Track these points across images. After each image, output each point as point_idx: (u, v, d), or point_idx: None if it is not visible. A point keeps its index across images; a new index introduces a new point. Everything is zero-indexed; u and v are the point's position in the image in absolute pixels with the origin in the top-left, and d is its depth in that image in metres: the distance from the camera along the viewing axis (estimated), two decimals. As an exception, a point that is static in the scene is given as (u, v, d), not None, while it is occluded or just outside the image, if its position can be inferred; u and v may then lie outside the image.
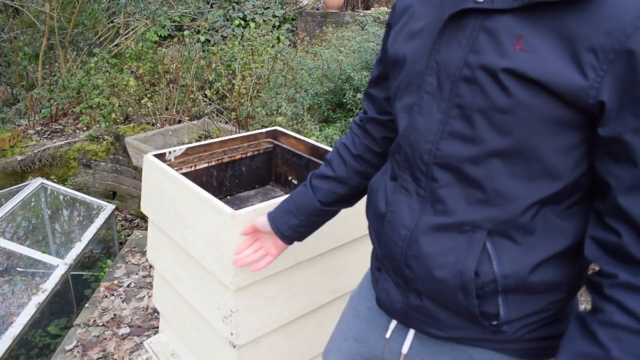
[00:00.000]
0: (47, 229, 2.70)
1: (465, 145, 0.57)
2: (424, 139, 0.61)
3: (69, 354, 1.72)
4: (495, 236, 0.58)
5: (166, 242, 1.29)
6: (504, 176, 0.55)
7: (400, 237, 0.64)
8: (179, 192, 1.15)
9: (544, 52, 0.51)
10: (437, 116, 0.59)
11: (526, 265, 0.58)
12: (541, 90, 0.51)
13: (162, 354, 1.45)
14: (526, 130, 0.53)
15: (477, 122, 0.55)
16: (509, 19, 0.53)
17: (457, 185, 0.59)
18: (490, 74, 0.54)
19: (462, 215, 0.59)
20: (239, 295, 1.05)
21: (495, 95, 0.53)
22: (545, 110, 0.52)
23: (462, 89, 0.57)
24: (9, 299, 2.13)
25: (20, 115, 3.78)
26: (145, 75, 3.43)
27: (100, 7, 4.15)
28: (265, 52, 3.29)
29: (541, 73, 0.51)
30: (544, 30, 0.51)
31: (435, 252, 0.61)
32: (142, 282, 2.14)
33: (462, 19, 0.57)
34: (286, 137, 1.51)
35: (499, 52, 0.53)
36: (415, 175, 0.63)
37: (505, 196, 0.56)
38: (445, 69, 0.59)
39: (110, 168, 3.32)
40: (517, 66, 0.52)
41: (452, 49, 0.58)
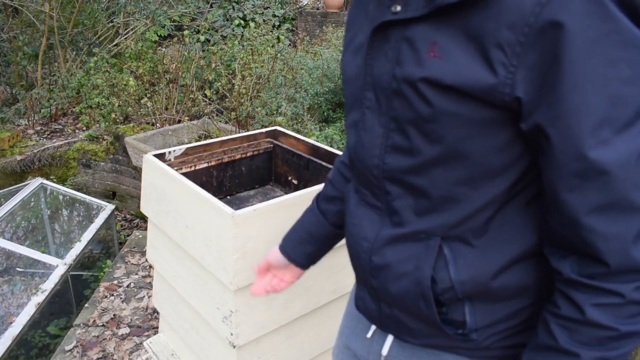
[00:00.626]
0: (47, 229, 2.69)
1: (406, 157, 0.57)
2: (370, 154, 0.61)
3: (69, 354, 1.72)
4: (452, 242, 0.58)
5: (166, 242, 1.28)
6: (446, 183, 0.55)
7: (363, 250, 0.65)
8: (178, 192, 1.15)
9: (456, 56, 0.50)
10: (379, 131, 0.60)
11: (486, 270, 0.57)
12: (458, 94, 0.51)
13: (162, 354, 1.45)
14: (455, 136, 0.53)
15: (411, 134, 0.56)
16: (424, 26, 0.53)
17: (407, 196, 0.59)
18: (411, 85, 0.54)
19: (415, 224, 0.59)
20: (239, 296, 1.05)
21: (419, 106, 0.54)
22: (468, 113, 0.51)
23: (394, 102, 0.57)
24: (9, 299, 2.13)
25: (19, 115, 3.78)
26: (145, 75, 3.43)
27: (99, 7, 4.15)
28: (265, 51, 3.28)
29: (454, 78, 0.50)
30: (455, 33, 0.51)
31: (396, 261, 0.61)
32: (142, 282, 2.14)
33: (387, 31, 0.57)
34: (286, 137, 1.50)
35: (417, 61, 0.53)
36: (372, 189, 0.64)
37: (452, 202, 0.56)
38: (378, 83, 0.59)
39: (109, 168, 3.31)
40: (432, 74, 0.51)
41: (382, 63, 0.58)
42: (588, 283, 0.49)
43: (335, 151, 1.36)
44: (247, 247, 1.03)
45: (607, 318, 0.49)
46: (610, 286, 0.48)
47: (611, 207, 0.47)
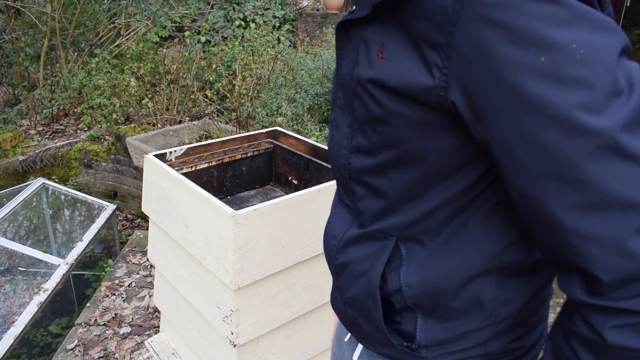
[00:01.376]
0: (49, 229, 2.71)
1: (366, 157, 0.57)
2: (339, 154, 0.61)
3: (70, 353, 1.73)
4: (408, 242, 0.56)
5: (167, 242, 1.29)
6: (402, 183, 0.54)
7: (331, 247, 0.65)
8: (179, 192, 1.16)
9: (399, 57, 0.49)
10: (346, 131, 0.60)
11: (436, 277, 0.54)
12: (402, 96, 0.50)
13: (163, 353, 1.46)
14: (406, 137, 0.51)
15: (369, 134, 0.55)
16: (375, 27, 0.52)
17: (369, 196, 0.58)
18: (363, 85, 0.53)
19: (375, 224, 0.58)
20: (239, 295, 1.06)
21: (371, 107, 0.53)
22: (413, 115, 0.50)
23: (355, 103, 0.56)
24: (11, 299, 2.14)
25: (21, 116, 3.79)
26: (146, 75, 3.44)
27: (101, 8, 4.16)
28: (266, 52, 3.29)
29: (396, 79, 0.49)
30: (398, 34, 0.50)
31: (356, 260, 0.61)
32: (143, 281, 2.15)
33: (350, 32, 0.57)
34: (286, 137, 1.51)
35: (368, 62, 0.53)
36: (344, 189, 0.63)
37: (408, 202, 0.55)
38: (343, 83, 0.59)
39: (111, 168, 3.33)
40: (378, 75, 0.51)
41: (346, 62, 0.58)
42: (600, 304, 0.42)
43: (334, 152, 1.37)
44: (248, 247, 1.03)
45: (632, 340, 0.41)
46: (622, 304, 0.41)
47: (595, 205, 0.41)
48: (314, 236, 1.15)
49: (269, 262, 1.08)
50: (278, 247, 1.08)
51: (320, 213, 1.14)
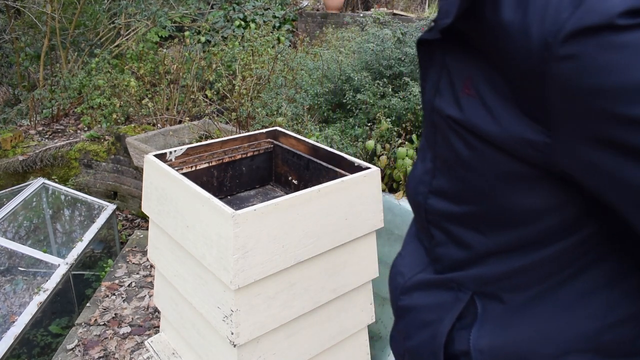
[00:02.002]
0: (49, 229, 2.71)
1: (447, 202, 0.49)
2: (416, 190, 0.54)
3: (70, 353, 1.73)
4: (485, 299, 0.48)
5: (167, 242, 1.29)
6: (489, 239, 0.46)
7: (397, 286, 0.59)
8: (179, 192, 1.16)
9: (489, 99, 0.40)
10: (428, 166, 0.51)
11: (513, 344, 0.46)
12: (493, 144, 0.41)
13: (163, 353, 1.46)
14: (493, 188, 0.43)
15: (453, 177, 0.47)
16: (458, 54, 0.44)
17: (450, 244, 0.51)
18: (445, 120, 0.45)
19: (451, 275, 0.51)
20: (240, 295, 1.06)
21: (457, 146, 0.45)
22: (505, 165, 0.41)
23: (437, 136, 0.48)
24: (11, 299, 2.14)
25: (21, 116, 3.79)
26: (146, 75, 3.44)
27: (101, 8, 4.16)
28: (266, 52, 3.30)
29: (487, 126, 0.40)
30: (483, 68, 0.41)
31: (422, 306, 0.54)
32: (143, 281, 2.15)
33: (432, 53, 0.48)
34: (286, 137, 1.51)
35: (453, 97, 0.44)
36: (422, 227, 0.56)
37: (495, 256, 0.47)
38: (425, 110, 0.51)
39: (111, 168, 3.33)
40: (465, 117, 0.42)
41: (429, 87, 0.49)
42: None
43: (335, 151, 1.37)
44: (248, 247, 1.03)
45: None
46: None
47: None
48: (313, 236, 1.15)
49: (269, 262, 1.08)
50: (278, 247, 1.08)
51: (321, 213, 1.14)
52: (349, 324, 1.32)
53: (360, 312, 1.34)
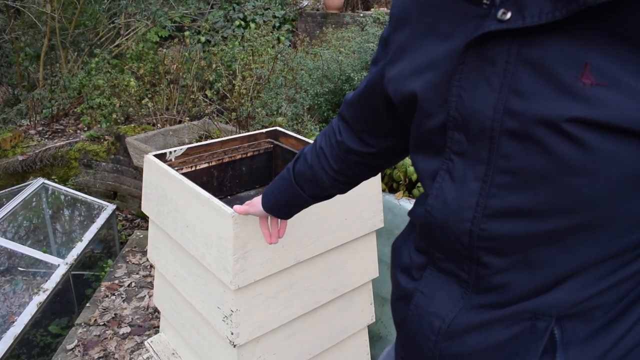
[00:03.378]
0: (48, 229, 2.70)
1: (524, 222, 0.42)
2: (458, 218, 0.46)
3: (70, 353, 1.73)
4: (568, 321, 0.44)
5: (167, 242, 1.29)
6: (584, 255, 0.41)
7: (434, 330, 0.50)
8: (179, 192, 1.16)
9: (626, 82, 0.35)
10: (474, 186, 0.44)
11: (603, 356, 0.43)
12: (634, 138, 0.36)
13: (163, 353, 1.46)
14: (613, 193, 0.38)
15: (539, 190, 0.40)
16: (560, 40, 0.37)
17: (517, 270, 0.44)
18: (551, 125, 0.38)
19: (522, 304, 0.45)
20: (239, 295, 1.06)
21: (562, 152, 0.38)
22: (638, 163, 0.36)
23: (507, 147, 0.41)
24: (11, 299, 2.14)
25: (21, 116, 3.79)
26: (145, 75, 3.44)
27: (101, 8, 4.16)
28: (266, 52, 3.30)
29: (634, 116, 0.35)
30: (615, 48, 0.35)
31: (484, 349, 0.47)
32: (143, 281, 2.15)
33: (488, 48, 0.41)
34: (286, 137, 1.51)
35: (560, 92, 0.37)
36: (454, 257, 0.48)
37: (584, 276, 0.42)
38: (476, 121, 0.43)
39: (111, 168, 3.33)
40: (595, 112, 0.36)
41: (481, 93, 0.42)
42: None
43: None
44: (248, 247, 1.03)
45: None
46: None
47: None
48: (313, 236, 1.15)
49: (269, 262, 1.08)
50: (278, 247, 1.08)
51: (321, 213, 1.14)
52: (349, 324, 1.32)
53: (360, 312, 1.34)
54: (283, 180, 0.79)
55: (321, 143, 0.74)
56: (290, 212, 0.84)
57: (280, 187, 0.80)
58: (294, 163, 0.77)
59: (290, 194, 0.79)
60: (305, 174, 0.75)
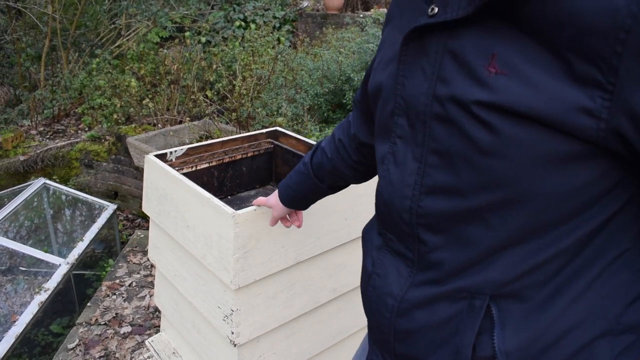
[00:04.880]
0: (50, 229, 2.71)
1: (451, 199, 0.45)
2: (400, 195, 0.50)
3: (71, 352, 1.74)
4: (503, 300, 0.46)
5: (167, 242, 1.30)
6: (504, 231, 0.44)
7: (387, 308, 0.53)
8: (180, 192, 1.16)
9: (527, 72, 0.38)
10: (413, 166, 0.48)
11: (538, 340, 0.45)
12: (533, 123, 0.39)
13: (164, 352, 1.47)
14: (523, 174, 0.41)
15: (461, 170, 0.44)
16: (475, 32, 0.41)
17: (450, 247, 0.47)
18: (464, 108, 0.42)
19: (458, 281, 0.47)
20: (240, 295, 1.06)
21: (476, 135, 0.42)
22: (546, 146, 0.39)
23: (437, 130, 0.45)
24: (12, 298, 2.15)
25: (22, 116, 3.80)
26: (146, 76, 3.45)
27: (102, 9, 4.17)
28: (266, 53, 3.30)
29: (530, 102, 0.38)
30: (517, 40, 0.39)
31: (430, 325, 0.50)
32: (144, 281, 2.16)
33: (424, 41, 0.45)
34: (286, 137, 1.52)
35: (471, 79, 0.41)
36: (401, 236, 0.52)
37: (509, 253, 0.44)
38: (413, 106, 0.47)
39: (111, 168, 3.33)
40: (497, 96, 0.39)
41: (418, 80, 0.46)
42: None
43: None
44: (248, 246, 1.04)
45: None
46: None
47: None
48: (313, 236, 1.15)
49: (269, 262, 1.08)
50: (278, 247, 1.09)
51: (320, 213, 1.15)
52: (349, 324, 1.33)
53: (360, 311, 1.35)
54: (300, 174, 0.81)
55: (339, 135, 0.76)
56: (308, 203, 0.87)
57: (298, 181, 0.82)
58: (312, 157, 0.80)
59: (309, 187, 0.81)
60: (324, 166, 0.77)
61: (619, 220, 0.43)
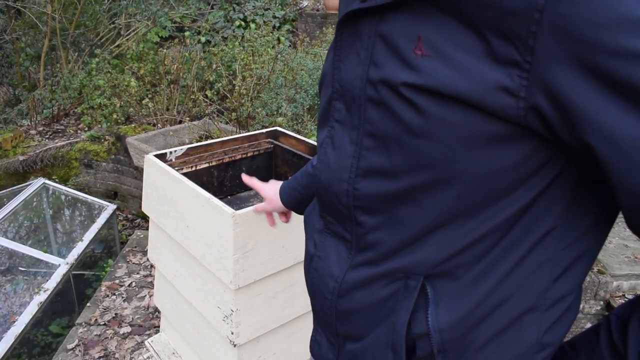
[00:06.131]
0: (49, 229, 2.71)
1: (385, 181, 0.46)
2: (337, 178, 0.50)
3: (71, 352, 1.74)
4: (436, 279, 0.47)
5: (167, 242, 1.30)
6: (436, 211, 0.44)
7: (329, 290, 0.54)
8: (179, 192, 1.16)
9: (451, 54, 0.39)
10: (349, 149, 0.49)
11: (470, 317, 0.46)
12: (457, 104, 0.40)
13: (163, 352, 1.46)
14: (451, 154, 0.41)
15: (393, 152, 0.44)
16: (403, 15, 0.42)
17: (384, 228, 0.48)
18: (393, 90, 0.43)
19: (393, 262, 0.48)
20: (240, 295, 1.06)
21: (405, 116, 0.42)
22: (470, 126, 0.40)
23: (370, 113, 0.46)
24: (11, 298, 2.15)
25: (22, 116, 3.80)
26: (146, 75, 3.44)
27: (101, 8, 4.17)
28: (266, 53, 3.30)
29: (452, 82, 0.39)
30: (443, 23, 0.40)
31: (367, 305, 0.51)
32: (143, 281, 2.16)
33: (357, 26, 0.46)
34: (286, 137, 1.51)
35: (399, 62, 0.42)
36: (339, 218, 0.53)
37: (442, 233, 0.45)
38: (348, 90, 0.48)
39: (111, 168, 3.33)
40: (422, 78, 0.40)
41: (352, 65, 0.47)
42: None
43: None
44: (248, 246, 1.04)
45: None
46: None
47: None
48: (313, 236, 1.15)
49: (269, 262, 1.08)
50: (278, 247, 1.09)
51: (320, 213, 1.15)
52: (348, 324, 1.33)
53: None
54: (307, 175, 0.80)
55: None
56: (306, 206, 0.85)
57: (306, 184, 0.80)
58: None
59: (310, 187, 0.80)
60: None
61: (546, 198, 0.43)
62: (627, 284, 1.85)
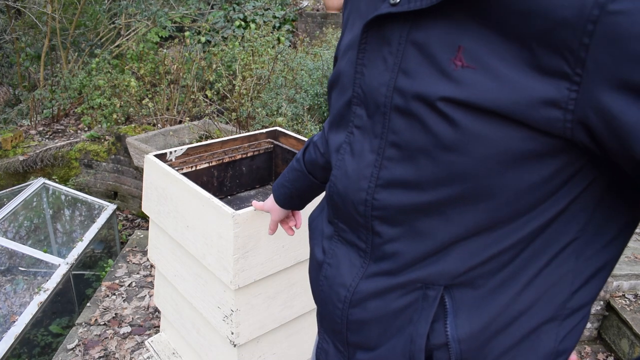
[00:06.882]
0: (49, 229, 2.71)
1: (408, 193, 0.45)
2: (356, 187, 0.49)
3: (71, 352, 1.74)
4: (456, 289, 0.46)
5: (167, 242, 1.30)
6: (461, 225, 0.43)
7: (340, 299, 0.53)
8: (179, 192, 1.16)
9: (495, 66, 0.37)
10: (370, 158, 0.47)
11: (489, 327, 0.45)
12: (499, 119, 0.38)
13: (163, 352, 1.46)
14: (484, 170, 0.40)
15: (421, 164, 0.43)
16: (440, 23, 0.40)
17: (405, 239, 0.47)
18: (428, 103, 0.41)
19: (412, 273, 0.47)
20: (240, 295, 1.06)
21: (439, 130, 0.41)
22: (511, 142, 0.39)
23: (397, 123, 0.44)
24: (11, 298, 2.15)
25: (22, 116, 3.80)
26: (146, 75, 3.44)
27: (101, 8, 4.17)
28: (266, 52, 3.30)
29: (497, 96, 0.37)
30: (483, 33, 0.38)
31: (383, 315, 0.49)
32: (143, 281, 2.16)
33: (385, 30, 0.44)
34: (286, 137, 1.51)
35: (436, 73, 0.40)
36: (354, 227, 0.51)
37: (465, 245, 0.44)
38: (372, 97, 0.46)
39: (111, 168, 3.33)
40: (463, 93, 0.39)
41: (378, 71, 0.45)
42: None
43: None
44: (248, 246, 1.04)
45: None
46: None
47: None
48: (313, 236, 1.15)
49: (269, 262, 1.08)
50: (278, 247, 1.09)
51: (320, 213, 1.15)
52: (348, 324, 1.33)
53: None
54: (294, 171, 0.79)
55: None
56: (304, 202, 0.85)
57: (292, 178, 0.80)
58: (304, 153, 0.79)
59: (303, 184, 0.79)
60: (317, 162, 0.75)
61: (570, 211, 0.43)
62: (627, 284, 1.85)
